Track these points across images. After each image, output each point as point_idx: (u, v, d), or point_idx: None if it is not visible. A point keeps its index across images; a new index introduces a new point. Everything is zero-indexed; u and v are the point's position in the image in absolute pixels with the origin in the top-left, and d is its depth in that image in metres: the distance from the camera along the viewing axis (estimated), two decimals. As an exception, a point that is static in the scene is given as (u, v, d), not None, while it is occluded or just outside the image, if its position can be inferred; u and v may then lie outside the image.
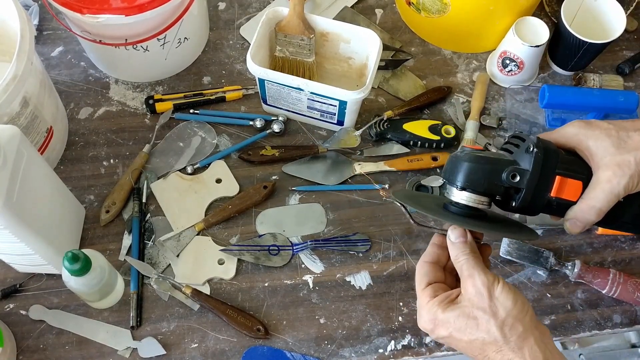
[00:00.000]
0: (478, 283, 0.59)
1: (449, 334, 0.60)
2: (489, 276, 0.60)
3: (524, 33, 1.00)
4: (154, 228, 0.93)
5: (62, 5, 0.87)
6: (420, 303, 0.63)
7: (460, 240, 0.62)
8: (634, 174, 0.62)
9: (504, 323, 0.58)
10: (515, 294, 0.59)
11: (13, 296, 0.87)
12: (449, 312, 0.60)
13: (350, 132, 0.98)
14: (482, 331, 0.59)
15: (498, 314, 0.58)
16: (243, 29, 1.10)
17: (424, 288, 0.63)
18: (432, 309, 0.61)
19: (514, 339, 0.58)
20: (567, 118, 0.99)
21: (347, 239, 0.87)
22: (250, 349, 0.85)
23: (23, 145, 0.73)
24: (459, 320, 0.59)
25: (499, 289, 0.59)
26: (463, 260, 0.61)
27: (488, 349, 0.59)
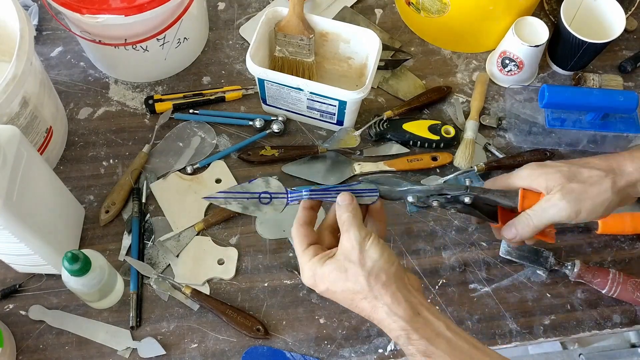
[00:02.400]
0: (352, 237, 0.63)
1: (326, 288, 0.64)
2: (362, 232, 0.64)
3: (524, 33, 1.00)
4: (153, 228, 0.93)
5: (62, 6, 0.87)
6: (303, 262, 0.66)
7: (346, 202, 0.66)
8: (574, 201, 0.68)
9: (370, 273, 0.62)
10: (382, 248, 0.63)
11: (13, 296, 0.87)
12: (326, 267, 0.64)
13: (350, 132, 0.98)
14: (351, 281, 0.62)
15: (366, 264, 0.62)
16: (243, 29, 1.10)
17: (304, 249, 0.66)
18: (312, 266, 0.65)
19: (377, 287, 0.62)
20: (567, 118, 0.99)
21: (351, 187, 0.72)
22: (250, 349, 0.85)
23: (23, 146, 0.73)
24: (334, 273, 0.63)
25: (369, 242, 0.63)
26: (345, 217, 0.65)
27: (356, 297, 0.63)
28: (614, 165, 0.70)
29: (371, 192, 0.71)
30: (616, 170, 0.70)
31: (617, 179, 0.69)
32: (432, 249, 0.93)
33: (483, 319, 0.88)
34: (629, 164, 0.70)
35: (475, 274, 0.91)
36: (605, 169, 0.70)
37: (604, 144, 1.00)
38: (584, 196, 0.68)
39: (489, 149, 1.01)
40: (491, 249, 0.93)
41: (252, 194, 0.72)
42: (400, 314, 0.61)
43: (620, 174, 0.70)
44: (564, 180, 0.69)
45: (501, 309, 0.89)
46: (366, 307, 0.62)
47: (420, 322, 0.61)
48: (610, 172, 0.70)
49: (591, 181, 0.69)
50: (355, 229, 0.64)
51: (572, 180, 0.69)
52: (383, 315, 0.61)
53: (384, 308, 0.61)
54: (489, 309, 0.89)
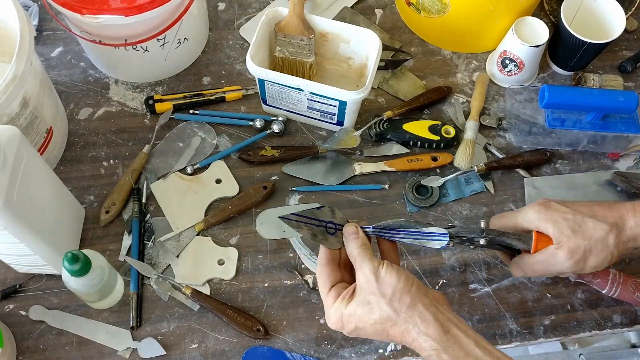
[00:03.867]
0: (366, 271, 0.64)
1: (355, 326, 0.65)
2: (375, 262, 0.65)
3: (524, 33, 1.00)
4: (153, 228, 0.93)
5: (62, 6, 0.87)
6: (327, 305, 0.67)
7: (353, 236, 0.68)
8: (580, 260, 0.71)
9: (392, 299, 0.63)
10: (398, 271, 0.64)
11: (13, 297, 0.87)
12: (350, 306, 0.64)
13: (350, 132, 0.98)
14: (376, 312, 0.63)
15: (386, 292, 0.63)
16: (243, 29, 1.10)
17: (328, 292, 0.67)
18: (337, 308, 0.65)
19: (403, 310, 0.63)
20: (567, 118, 0.99)
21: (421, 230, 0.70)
22: (250, 349, 0.85)
23: (23, 146, 0.73)
24: (359, 310, 0.64)
25: (384, 271, 0.64)
26: (356, 253, 0.66)
27: (386, 325, 0.63)
28: (617, 218, 0.72)
29: (441, 236, 0.70)
30: (619, 224, 0.72)
31: (620, 235, 0.72)
32: (432, 249, 0.93)
33: (483, 319, 0.88)
34: (631, 219, 0.72)
35: (475, 274, 0.91)
36: (610, 222, 0.72)
37: (604, 144, 1.00)
38: (589, 254, 0.71)
39: (489, 149, 1.01)
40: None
41: (320, 222, 0.71)
42: (430, 334, 0.62)
43: (623, 229, 0.72)
44: (570, 232, 0.71)
45: (501, 309, 0.89)
46: (397, 333, 0.63)
47: (450, 340, 0.62)
48: (614, 227, 0.71)
49: (596, 236, 0.71)
50: (367, 262, 0.65)
51: (577, 233, 0.71)
52: (414, 336, 0.62)
53: (415, 329, 0.62)
54: (489, 309, 0.89)
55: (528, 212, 0.74)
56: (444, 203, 0.96)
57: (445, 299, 0.67)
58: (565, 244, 0.71)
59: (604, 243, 0.71)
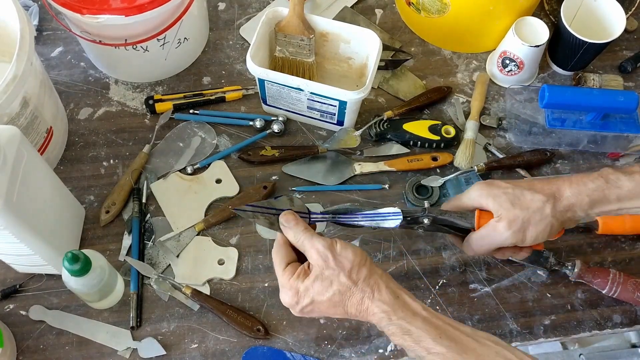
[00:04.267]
0: (320, 248, 0.68)
1: (311, 300, 0.68)
2: (327, 240, 0.69)
3: (524, 33, 1.00)
4: (153, 228, 0.93)
5: (62, 6, 0.87)
6: (282, 282, 0.70)
7: (292, 223, 0.71)
8: (519, 230, 0.73)
9: (351, 271, 0.68)
10: (353, 247, 0.69)
11: (13, 297, 0.87)
12: (307, 281, 0.68)
13: (350, 132, 0.98)
14: (335, 284, 0.67)
15: (344, 265, 0.68)
16: (243, 29, 1.10)
17: (284, 269, 0.70)
18: (293, 284, 0.69)
19: (361, 281, 0.68)
20: (567, 118, 0.99)
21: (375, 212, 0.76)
22: (250, 349, 0.85)
23: (23, 146, 0.73)
24: (316, 284, 0.68)
25: (339, 247, 0.69)
26: (302, 237, 0.70)
27: (344, 297, 0.68)
28: (554, 189, 0.74)
29: (395, 215, 0.75)
30: (556, 194, 0.73)
31: (556, 204, 0.73)
32: (432, 249, 0.93)
33: (483, 319, 0.88)
34: (567, 189, 0.73)
35: (475, 274, 0.91)
36: (547, 193, 0.73)
37: (604, 144, 1.00)
38: (527, 224, 0.73)
39: (489, 149, 1.01)
40: (491, 249, 0.93)
41: (277, 210, 0.74)
42: (383, 299, 0.67)
43: (560, 199, 0.73)
44: (509, 205, 0.73)
45: (501, 309, 0.89)
46: (354, 303, 0.67)
47: (399, 304, 0.67)
48: (550, 197, 0.73)
49: (533, 207, 0.72)
50: (318, 240, 0.69)
51: (516, 205, 0.73)
52: (368, 304, 0.67)
53: (370, 296, 0.67)
54: (490, 309, 0.89)
55: (471, 191, 0.76)
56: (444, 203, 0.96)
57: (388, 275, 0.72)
58: (504, 215, 0.73)
59: (541, 213, 0.72)
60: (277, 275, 0.71)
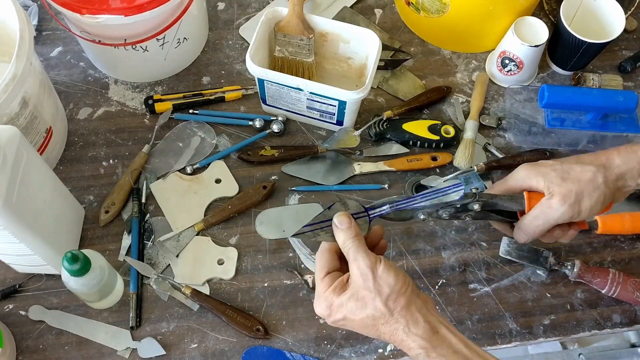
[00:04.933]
0: (362, 265, 0.64)
1: (343, 316, 0.65)
2: (371, 258, 0.65)
3: (524, 33, 1.00)
4: (153, 228, 0.93)
5: (62, 6, 0.87)
6: (319, 291, 0.67)
7: (345, 226, 0.67)
8: (574, 203, 0.71)
9: (389, 298, 0.64)
10: (396, 271, 0.65)
11: (13, 297, 0.87)
12: (342, 297, 0.65)
13: (350, 132, 0.98)
14: (370, 308, 0.64)
15: (382, 291, 0.64)
16: (242, 29, 1.10)
17: (322, 277, 0.67)
18: (328, 297, 0.66)
19: (397, 310, 0.64)
20: (567, 118, 0.99)
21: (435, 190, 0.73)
22: (250, 349, 0.85)
23: (22, 146, 0.73)
24: (351, 303, 0.64)
25: (381, 268, 0.64)
26: (349, 244, 0.66)
27: (377, 322, 0.64)
28: (604, 160, 0.73)
29: (456, 186, 0.71)
30: (606, 164, 0.73)
31: (607, 173, 0.72)
32: (432, 249, 0.93)
33: (483, 319, 0.88)
34: (616, 158, 0.73)
35: (475, 274, 0.91)
36: (597, 164, 0.73)
37: (603, 144, 1.00)
38: (582, 196, 0.71)
39: (488, 149, 1.01)
40: (491, 249, 0.93)
41: None
42: (420, 334, 0.63)
43: (610, 168, 0.73)
44: (560, 180, 0.72)
45: (501, 309, 0.89)
46: (387, 331, 0.64)
47: (438, 340, 0.63)
48: (600, 167, 0.72)
49: (585, 178, 0.71)
50: (363, 256, 0.65)
51: (567, 179, 0.72)
52: (402, 337, 0.64)
53: (405, 330, 0.63)
54: (489, 309, 0.89)
55: (517, 173, 0.75)
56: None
57: (433, 302, 0.68)
58: (557, 191, 0.71)
59: (594, 183, 0.71)
60: (315, 281, 0.68)
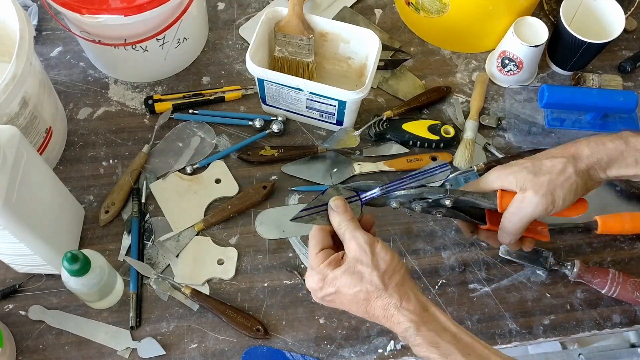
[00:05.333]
0: (361, 241, 0.67)
1: (336, 290, 0.67)
2: (370, 236, 0.68)
3: (523, 33, 1.00)
4: (153, 228, 0.93)
5: (61, 6, 0.87)
6: (312, 265, 0.69)
7: (340, 209, 0.70)
8: (547, 194, 0.71)
9: (385, 273, 0.66)
10: (392, 251, 0.68)
11: (12, 297, 0.87)
12: (337, 270, 0.67)
13: (350, 132, 0.98)
14: (365, 282, 0.66)
15: (380, 266, 0.66)
16: (242, 29, 1.10)
17: (317, 253, 0.69)
18: (322, 270, 0.67)
19: (392, 286, 0.66)
20: (567, 118, 0.99)
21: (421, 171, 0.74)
22: (250, 349, 0.85)
23: (22, 146, 0.73)
24: (345, 276, 0.66)
25: (379, 246, 0.67)
26: (345, 226, 0.69)
27: (370, 297, 0.66)
28: (573, 151, 0.74)
29: (442, 167, 0.74)
30: (575, 155, 0.74)
31: (577, 164, 0.73)
32: (431, 249, 0.93)
33: (483, 319, 0.88)
34: (585, 149, 0.74)
35: (475, 274, 0.91)
36: (566, 155, 0.74)
37: (603, 144, 1.00)
38: (553, 186, 0.72)
39: (488, 149, 1.01)
40: (491, 249, 0.93)
41: None
42: (411, 309, 0.65)
43: (580, 159, 0.73)
44: (531, 176, 0.72)
45: (501, 309, 0.89)
46: (379, 305, 0.66)
47: (428, 316, 0.66)
48: (570, 158, 0.73)
49: (555, 170, 0.72)
50: (361, 233, 0.67)
51: (538, 173, 0.72)
52: (394, 311, 0.65)
53: (397, 304, 0.65)
54: (489, 309, 0.89)
55: (489, 175, 0.76)
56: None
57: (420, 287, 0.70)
58: (529, 185, 0.72)
59: (565, 174, 0.72)
60: (309, 257, 0.70)
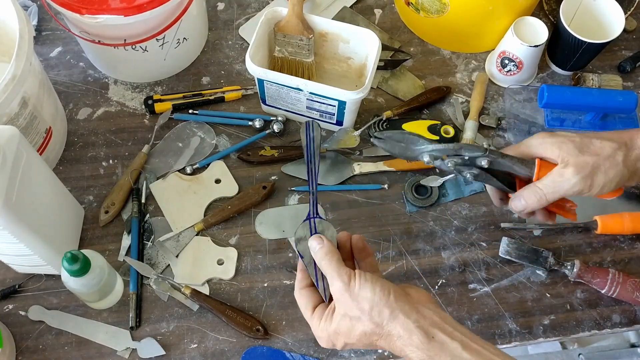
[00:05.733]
0: (336, 287, 0.62)
1: (344, 343, 0.64)
2: (344, 277, 0.62)
3: (523, 33, 1.00)
4: (153, 228, 0.93)
5: (61, 6, 0.87)
6: (314, 328, 0.66)
7: (317, 248, 0.65)
8: (587, 176, 0.67)
9: (372, 313, 0.61)
10: (372, 283, 0.62)
11: (12, 297, 0.87)
12: (334, 323, 0.63)
13: (350, 132, 0.98)
14: (359, 327, 0.62)
15: (364, 307, 0.61)
16: (242, 29, 1.10)
17: (311, 314, 0.66)
18: (324, 329, 0.64)
19: (385, 322, 0.61)
20: (566, 118, 0.99)
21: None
22: (250, 349, 0.85)
23: (22, 146, 0.73)
24: (342, 325, 0.62)
25: (356, 284, 0.62)
26: (324, 265, 0.64)
27: (371, 338, 0.62)
28: (626, 138, 0.70)
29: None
30: (628, 143, 0.69)
31: (629, 153, 0.69)
32: (431, 249, 0.93)
33: (483, 319, 0.88)
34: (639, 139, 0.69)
35: (474, 274, 0.91)
36: (618, 140, 0.69)
37: (603, 144, 1.00)
38: (597, 170, 0.68)
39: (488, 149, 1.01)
40: (491, 249, 0.93)
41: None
42: (416, 343, 0.60)
43: (632, 147, 0.69)
44: (577, 151, 0.68)
45: (501, 309, 0.89)
46: (385, 345, 0.62)
47: (436, 347, 0.60)
48: (622, 145, 0.69)
49: (604, 154, 0.68)
50: (336, 276, 0.63)
51: (585, 152, 0.68)
52: (400, 347, 0.61)
53: (400, 340, 0.61)
54: (489, 309, 0.89)
55: (532, 139, 0.71)
56: (443, 203, 0.96)
57: (430, 296, 0.65)
58: (572, 161, 0.68)
59: (612, 160, 0.67)
60: (306, 320, 0.67)
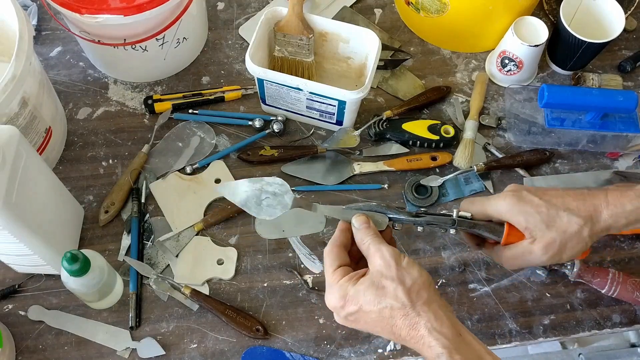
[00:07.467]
0: (386, 255, 0.64)
1: (358, 307, 0.63)
2: (395, 250, 0.65)
3: (523, 33, 1.00)
4: (153, 228, 0.93)
5: (61, 6, 0.87)
6: (331, 282, 0.66)
7: (364, 226, 0.68)
8: (555, 254, 0.70)
9: (411, 289, 0.62)
10: (420, 267, 0.64)
11: (12, 297, 0.87)
12: (359, 285, 0.63)
13: (350, 132, 0.98)
14: (390, 298, 0.62)
15: (405, 281, 0.62)
16: (242, 28, 1.10)
17: (334, 270, 0.66)
18: (343, 286, 0.64)
19: (419, 304, 0.62)
20: (566, 117, 0.99)
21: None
22: (250, 349, 0.85)
23: (22, 146, 0.73)
24: (368, 292, 0.63)
25: (405, 260, 0.64)
26: (369, 241, 0.66)
27: (396, 314, 0.62)
28: (591, 211, 0.71)
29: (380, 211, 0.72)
30: (593, 217, 0.71)
31: (594, 227, 0.71)
32: (431, 249, 0.93)
33: (483, 319, 0.88)
34: (604, 211, 0.71)
35: (474, 273, 0.91)
36: (584, 216, 0.71)
37: (603, 144, 1.00)
38: (564, 248, 0.71)
39: (488, 149, 1.01)
40: (491, 248, 0.93)
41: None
42: (444, 332, 0.60)
43: (597, 221, 0.71)
44: (544, 226, 0.70)
45: (501, 309, 0.89)
46: (405, 325, 0.62)
47: (462, 343, 0.61)
48: (588, 220, 0.71)
49: (570, 230, 0.70)
50: (386, 247, 0.64)
51: (551, 227, 0.70)
52: (424, 332, 0.61)
53: (427, 325, 0.61)
54: (489, 308, 0.89)
55: (499, 203, 0.72)
56: (443, 203, 0.96)
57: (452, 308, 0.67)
58: (540, 239, 0.70)
59: (578, 237, 0.70)
60: (326, 275, 0.67)
